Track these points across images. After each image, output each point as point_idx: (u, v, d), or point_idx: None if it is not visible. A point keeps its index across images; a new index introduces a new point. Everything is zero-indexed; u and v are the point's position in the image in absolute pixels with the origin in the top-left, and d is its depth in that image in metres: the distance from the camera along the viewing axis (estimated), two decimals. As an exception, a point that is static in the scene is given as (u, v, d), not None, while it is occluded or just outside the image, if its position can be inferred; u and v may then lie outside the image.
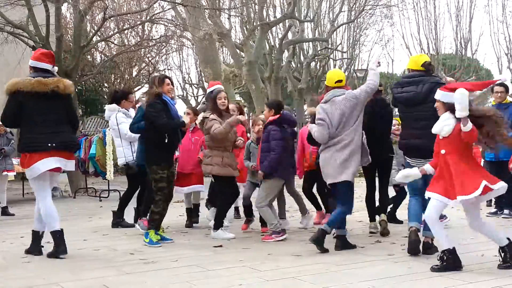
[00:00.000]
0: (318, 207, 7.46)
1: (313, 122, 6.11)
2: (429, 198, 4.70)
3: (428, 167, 4.85)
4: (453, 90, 4.54)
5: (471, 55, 32.31)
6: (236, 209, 7.97)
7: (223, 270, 4.74)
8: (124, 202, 7.47)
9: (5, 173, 9.02)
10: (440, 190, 4.59)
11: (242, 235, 6.63)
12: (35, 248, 5.52)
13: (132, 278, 4.59)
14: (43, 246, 5.58)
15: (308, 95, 27.94)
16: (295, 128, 7.15)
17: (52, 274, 4.74)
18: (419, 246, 5.19)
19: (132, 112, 7.44)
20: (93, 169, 11.00)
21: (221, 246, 5.86)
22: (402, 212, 7.27)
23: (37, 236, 5.55)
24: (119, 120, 7.42)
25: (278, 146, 6.24)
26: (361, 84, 7.39)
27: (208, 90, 6.99)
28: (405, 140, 5.49)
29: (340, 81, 5.74)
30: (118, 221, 7.39)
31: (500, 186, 4.52)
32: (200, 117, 6.66)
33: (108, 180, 11.24)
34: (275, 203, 6.65)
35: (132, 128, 6.52)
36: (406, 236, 6.23)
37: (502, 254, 4.64)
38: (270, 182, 6.34)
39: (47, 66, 5.37)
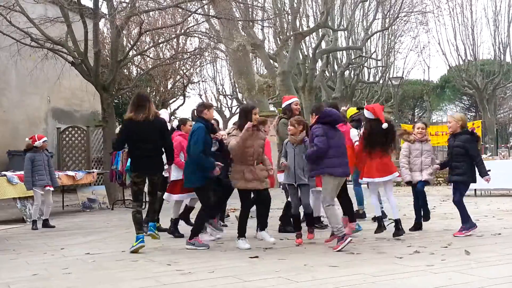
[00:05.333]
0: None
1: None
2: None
3: None
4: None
5: (510, 60, 31.55)
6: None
7: (259, 281, 4.74)
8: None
9: (47, 188, 9.28)
10: None
11: (277, 246, 6.61)
12: None
13: (169, 289, 4.63)
14: None
15: (343, 104, 27.82)
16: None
17: (92, 285, 4.82)
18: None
19: None
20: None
21: (257, 257, 5.86)
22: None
23: None
24: None
25: (319, 141, 6.19)
26: (396, 92, 8.24)
27: (286, 102, 7.62)
28: None
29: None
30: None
31: None
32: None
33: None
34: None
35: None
36: (446, 247, 6.14)
37: None
38: (324, 181, 6.37)
39: None
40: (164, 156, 6.81)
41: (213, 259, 5.84)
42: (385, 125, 6.75)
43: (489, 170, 7.30)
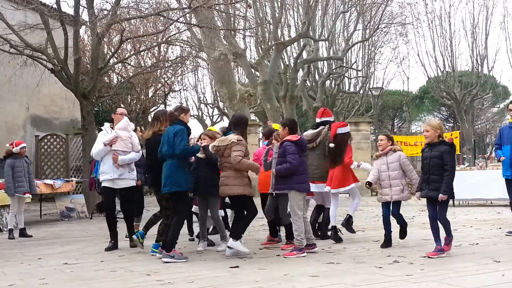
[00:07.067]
0: None
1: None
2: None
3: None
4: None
5: (488, 72, 32.11)
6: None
7: (239, 292, 4.72)
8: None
9: (27, 195, 9.16)
10: None
11: (258, 256, 6.61)
12: None
13: (148, 299, 4.58)
14: None
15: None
16: None
17: (69, 295, 4.76)
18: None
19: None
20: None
21: (237, 266, 5.85)
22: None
23: None
24: (97, 137, 7.74)
25: (294, 159, 6.47)
26: (376, 102, 8.23)
27: (325, 119, 7.90)
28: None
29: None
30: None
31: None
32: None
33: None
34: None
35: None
36: (425, 257, 6.19)
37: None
38: (291, 196, 6.59)
39: None
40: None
41: (193, 269, 5.80)
42: (332, 145, 7.53)
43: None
